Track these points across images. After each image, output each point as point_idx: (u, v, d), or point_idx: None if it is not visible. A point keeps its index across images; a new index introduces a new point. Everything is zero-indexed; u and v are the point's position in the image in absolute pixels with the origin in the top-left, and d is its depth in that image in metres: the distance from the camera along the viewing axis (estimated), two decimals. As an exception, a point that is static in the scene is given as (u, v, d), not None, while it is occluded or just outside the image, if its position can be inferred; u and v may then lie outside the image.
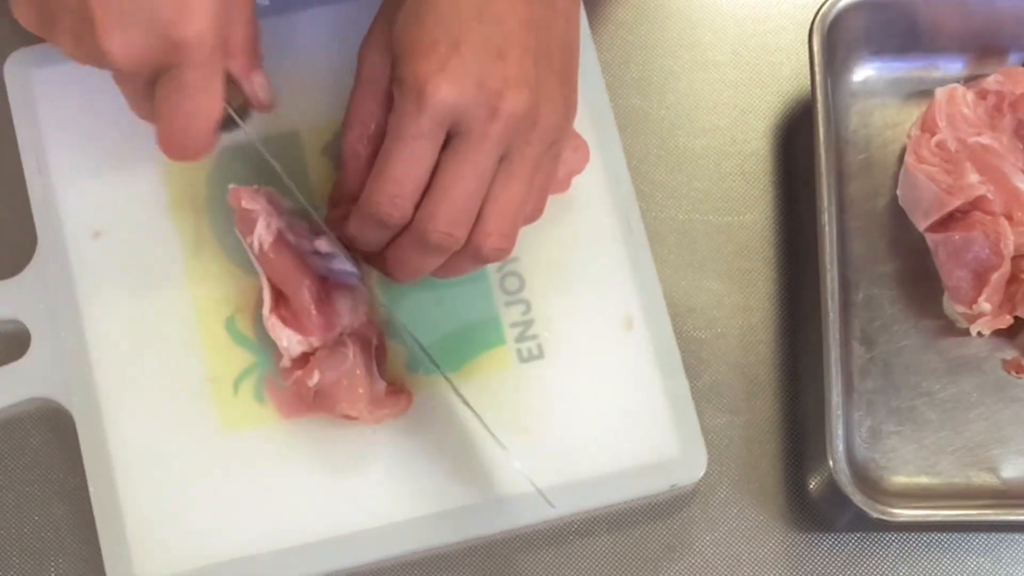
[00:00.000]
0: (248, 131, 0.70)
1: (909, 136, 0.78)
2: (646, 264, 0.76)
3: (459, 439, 0.74)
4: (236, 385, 0.74)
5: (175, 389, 0.74)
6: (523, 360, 0.75)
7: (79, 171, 0.77)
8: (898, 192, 0.78)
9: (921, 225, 0.77)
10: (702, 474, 0.74)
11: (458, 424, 0.74)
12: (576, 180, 0.76)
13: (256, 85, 0.69)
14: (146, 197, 0.77)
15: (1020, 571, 0.75)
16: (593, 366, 0.75)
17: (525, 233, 0.68)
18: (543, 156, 0.66)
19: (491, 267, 0.76)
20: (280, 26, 0.79)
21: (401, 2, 0.65)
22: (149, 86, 0.65)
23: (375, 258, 0.70)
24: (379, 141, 0.67)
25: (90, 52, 0.63)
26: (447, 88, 0.62)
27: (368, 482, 0.73)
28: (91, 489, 0.73)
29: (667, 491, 0.74)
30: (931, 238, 0.77)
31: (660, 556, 0.75)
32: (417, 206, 0.65)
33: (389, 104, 0.67)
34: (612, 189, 0.77)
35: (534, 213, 0.69)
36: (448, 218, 0.64)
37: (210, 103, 0.65)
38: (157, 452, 0.73)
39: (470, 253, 0.66)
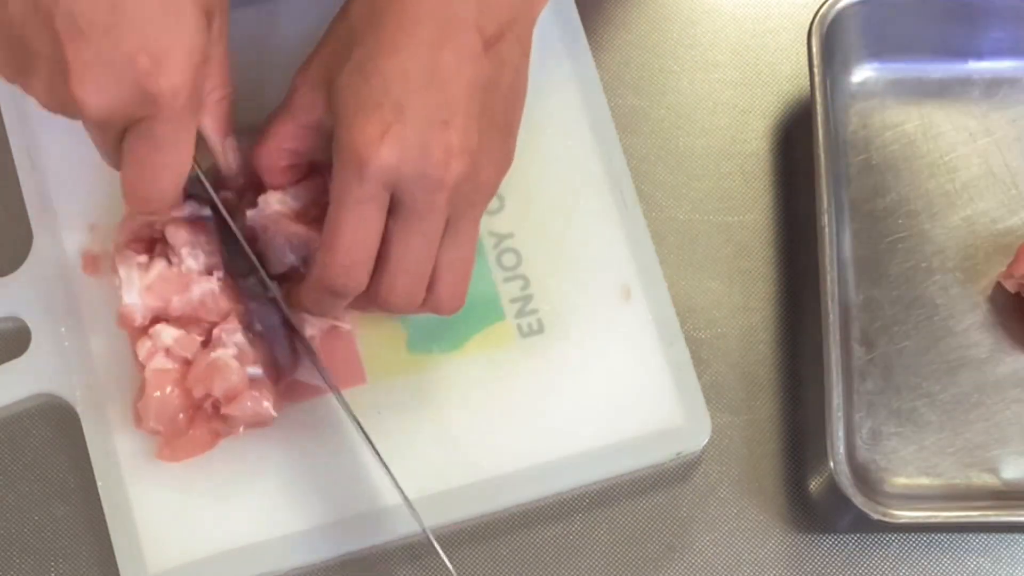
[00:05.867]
0: (212, 193, 0.70)
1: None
2: (641, 234, 0.76)
3: (463, 417, 0.74)
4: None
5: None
6: (524, 335, 0.75)
7: (72, 165, 0.77)
8: None
9: None
10: (706, 440, 0.74)
11: (460, 402, 0.74)
12: (568, 153, 0.77)
13: (227, 147, 0.69)
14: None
15: (1020, 571, 0.75)
16: (594, 338, 0.75)
17: (521, 210, 0.67)
18: (483, 211, 0.68)
19: (488, 243, 0.76)
20: (263, 14, 0.79)
21: (345, 47, 0.65)
22: (120, 136, 0.64)
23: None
24: (291, 159, 0.69)
25: (62, 100, 0.62)
26: (388, 155, 0.62)
27: (370, 463, 0.72)
28: (99, 482, 0.72)
29: (673, 459, 0.75)
30: None
31: (660, 556, 0.75)
32: (372, 272, 0.66)
33: (309, 137, 0.68)
34: (604, 161, 0.77)
35: None
36: (407, 288, 0.66)
37: (179, 158, 0.64)
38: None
39: (428, 309, 0.68)
